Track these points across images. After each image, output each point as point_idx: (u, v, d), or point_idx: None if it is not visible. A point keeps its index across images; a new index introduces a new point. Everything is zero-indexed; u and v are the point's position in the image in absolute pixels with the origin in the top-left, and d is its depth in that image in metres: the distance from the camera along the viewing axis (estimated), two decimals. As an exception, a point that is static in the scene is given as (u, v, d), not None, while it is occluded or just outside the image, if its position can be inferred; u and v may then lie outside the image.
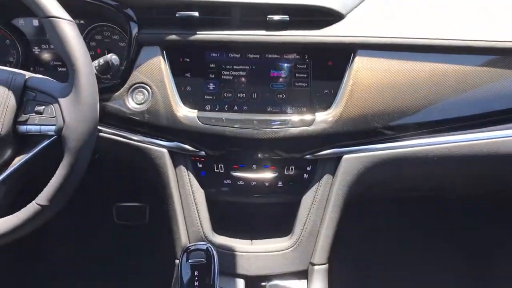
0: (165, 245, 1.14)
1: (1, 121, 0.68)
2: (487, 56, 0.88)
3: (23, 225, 0.68)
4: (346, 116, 0.84)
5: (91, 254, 1.56)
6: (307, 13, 0.88)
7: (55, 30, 0.66)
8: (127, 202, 1.57)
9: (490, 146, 0.89)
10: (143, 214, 1.54)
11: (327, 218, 0.91)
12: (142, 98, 0.87)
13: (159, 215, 1.51)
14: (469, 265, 1.36)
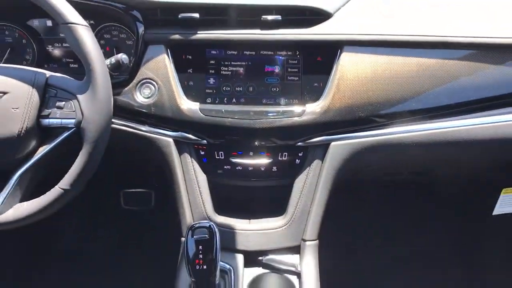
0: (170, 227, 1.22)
1: (26, 115, 0.75)
2: (462, 51, 0.95)
3: (48, 207, 0.77)
4: (333, 107, 0.92)
5: (101, 237, 1.64)
6: (297, 13, 0.95)
7: (73, 34, 0.74)
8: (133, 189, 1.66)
9: (464, 132, 0.96)
10: (149, 199, 1.62)
11: (317, 199, 0.98)
12: (149, 92, 0.94)
13: (164, 200, 1.60)
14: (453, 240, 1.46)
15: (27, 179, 0.80)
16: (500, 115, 0.96)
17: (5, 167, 0.79)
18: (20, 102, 0.75)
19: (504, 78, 0.94)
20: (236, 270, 0.93)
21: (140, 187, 1.62)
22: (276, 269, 0.96)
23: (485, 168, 1.11)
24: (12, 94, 0.75)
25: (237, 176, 1.02)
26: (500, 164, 1.09)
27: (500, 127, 0.96)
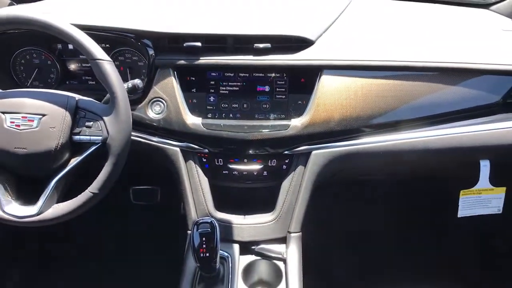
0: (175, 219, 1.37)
1: (61, 133, 0.90)
2: (420, 74, 1.08)
3: (80, 207, 0.91)
4: (314, 121, 1.05)
5: (113, 228, 1.78)
6: (285, 41, 1.07)
7: (100, 68, 0.89)
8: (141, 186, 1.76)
9: (422, 143, 1.10)
10: (156, 195, 1.74)
11: (300, 198, 1.12)
12: (159, 109, 1.08)
13: (169, 196, 1.73)
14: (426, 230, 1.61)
15: (62, 184, 0.94)
16: (453, 128, 1.10)
17: (44, 175, 0.93)
18: (56, 122, 0.90)
19: (454, 97, 1.09)
20: (233, 257, 1.07)
21: (148, 185, 1.74)
22: (266, 257, 1.10)
23: (444, 173, 1.27)
24: (50, 116, 0.90)
25: (233, 179, 1.14)
26: (457, 169, 1.25)
27: (454, 138, 1.10)
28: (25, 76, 1.19)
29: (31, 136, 0.89)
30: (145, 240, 1.74)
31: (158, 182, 1.73)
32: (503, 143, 1.12)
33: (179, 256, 1.16)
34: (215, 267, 0.96)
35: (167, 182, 1.55)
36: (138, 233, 1.78)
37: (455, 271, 1.44)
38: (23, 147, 0.89)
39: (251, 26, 1.08)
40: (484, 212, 1.22)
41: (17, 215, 0.92)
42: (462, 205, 1.20)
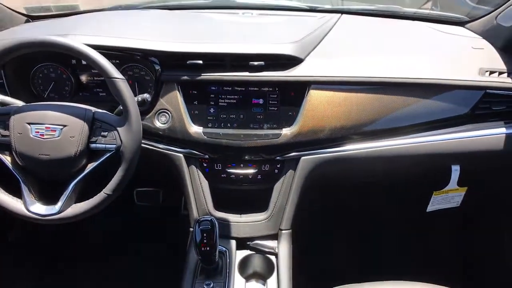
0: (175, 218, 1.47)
1: (80, 142, 1.01)
2: (399, 88, 1.20)
3: (96, 207, 1.03)
4: (302, 131, 1.17)
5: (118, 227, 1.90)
6: (276, 59, 1.17)
7: (115, 85, 1.01)
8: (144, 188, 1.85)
9: (397, 150, 1.22)
10: (158, 197, 1.83)
11: (290, 199, 1.23)
12: (165, 119, 1.20)
13: (170, 198, 1.84)
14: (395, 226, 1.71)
15: (79, 187, 1.05)
16: (427, 137, 1.23)
17: (64, 178, 1.05)
18: (75, 132, 1.01)
19: (428, 109, 1.21)
20: (230, 252, 1.17)
21: (150, 187, 1.83)
22: (260, 251, 1.21)
23: (419, 175, 1.39)
24: (70, 126, 1.01)
25: (231, 182, 1.25)
26: (430, 172, 1.38)
27: (428, 145, 1.23)
28: (42, 88, 1.30)
29: (54, 144, 1.01)
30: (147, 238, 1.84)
31: (160, 184, 1.82)
32: (471, 150, 1.25)
33: (179, 252, 1.27)
34: (214, 260, 1.08)
35: (169, 185, 1.66)
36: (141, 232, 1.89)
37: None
38: (46, 154, 1.01)
39: (247, 46, 1.19)
40: (447, 206, 1.36)
41: (40, 214, 1.03)
42: (432, 202, 1.33)
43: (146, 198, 1.86)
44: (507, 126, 1.25)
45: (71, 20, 1.48)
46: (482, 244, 1.57)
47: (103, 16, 1.51)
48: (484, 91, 1.23)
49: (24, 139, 1.02)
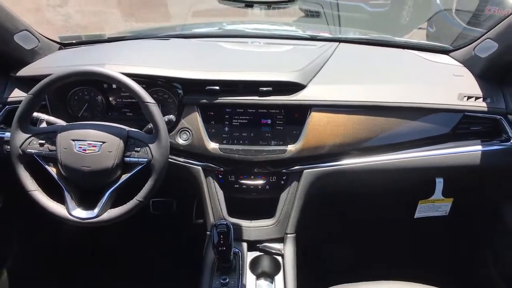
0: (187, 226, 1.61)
1: (116, 156, 1.17)
2: (390, 111, 1.37)
3: (129, 211, 1.19)
4: (304, 147, 1.33)
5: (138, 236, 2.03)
6: (283, 85, 1.35)
7: (148, 109, 1.18)
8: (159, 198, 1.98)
9: (391, 163, 1.38)
10: (171, 206, 1.98)
11: (294, 206, 1.38)
12: (186, 137, 1.36)
13: (182, 207, 1.99)
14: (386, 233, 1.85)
15: (114, 194, 1.22)
16: (414, 152, 1.40)
17: (101, 187, 1.21)
18: (112, 147, 1.18)
19: (415, 129, 1.38)
20: (242, 252, 1.32)
21: (164, 197, 1.97)
22: (268, 253, 1.35)
23: (408, 186, 1.56)
24: (108, 142, 1.19)
25: (243, 191, 1.40)
26: (418, 184, 1.54)
27: (415, 160, 1.40)
28: (77, 108, 1.47)
29: (94, 158, 1.18)
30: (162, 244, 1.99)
31: (173, 195, 1.98)
32: (453, 165, 1.42)
33: (193, 256, 1.41)
34: (230, 259, 1.23)
35: (181, 195, 1.81)
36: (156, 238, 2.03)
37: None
38: (87, 166, 1.18)
39: (257, 74, 1.36)
40: (435, 214, 1.52)
41: (81, 217, 1.20)
42: (418, 210, 1.50)
43: (161, 207, 2.00)
44: (483, 144, 1.42)
45: (101, 49, 1.67)
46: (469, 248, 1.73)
47: (129, 45, 1.69)
48: (463, 114, 1.41)
49: (68, 153, 1.19)
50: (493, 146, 1.42)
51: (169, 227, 2.05)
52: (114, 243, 2.01)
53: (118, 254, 1.99)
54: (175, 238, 2.00)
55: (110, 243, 2.01)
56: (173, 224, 2.04)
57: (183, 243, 1.97)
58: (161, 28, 2.20)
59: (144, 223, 2.02)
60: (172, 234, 2.03)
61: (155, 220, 2.04)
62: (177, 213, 2.00)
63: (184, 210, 1.98)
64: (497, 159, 1.42)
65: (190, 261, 1.45)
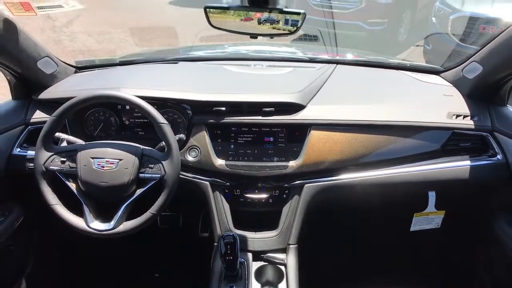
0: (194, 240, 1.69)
1: (132, 172, 1.27)
2: (384, 129, 1.47)
3: (143, 223, 1.28)
4: (305, 163, 1.43)
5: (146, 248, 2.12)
6: (284, 106, 1.45)
7: (162, 129, 1.28)
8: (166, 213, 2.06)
9: (385, 178, 1.47)
10: (178, 220, 2.07)
11: (296, 219, 1.46)
12: (195, 154, 1.47)
13: (188, 222, 2.08)
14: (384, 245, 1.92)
15: (129, 208, 1.31)
16: (407, 168, 1.49)
17: (117, 201, 1.30)
18: (128, 164, 1.28)
19: (408, 146, 1.48)
20: (248, 262, 1.39)
21: (172, 212, 2.07)
22: (271, 262, 1.42)
23: (403, 200, 1.64)
24: (124, 160, 1.29)
25: (248, 205, 1.48)
26: (412, 197, 1.63)
27: (408, 175, 1.49)
28: (93, 128, 1.59)
29: (112, 174, 1.28)
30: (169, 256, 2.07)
31: (179, 210, 2.06)
32: (444, 179, 1.51)
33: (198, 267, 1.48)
34: (236, 267, 1.32)
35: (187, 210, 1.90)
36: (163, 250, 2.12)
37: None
38: (105, 181, 1.28)
39: (260, 96, 1.48)
40: (428, 227, 1.61)
41: (98, 229, 1.29)
42: (414, 223, 1.59)
43: (168, 221, 2.08)
44: (472, 159, 1.52)
45: (115, 73, 1.79)
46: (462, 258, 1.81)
47: (141, 69, 1.81)
48: (452, 131, 1.51)
49: (88, 170, 1.29)
50: (481, 161, 1.52)
51: (175, 240, 2.13)
52: (124, 255, 2.09)
53: (127, 265, 2.06)
54: (181, 250, 2.08)
55: (120, 255, 2.09)
56: (180, 237, 2.12)
57: (189, 255, 2.04)
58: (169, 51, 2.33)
59: (152, 236, 2.12)
60: (178, 247, 2.11)
61: (163, 233, 2.12)
62: (183, 227, 2.08)
63: (190, 224, 2.06)
64: (485, 173, 1.51)
65: (196, 272, 1.52)
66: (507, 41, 1.36)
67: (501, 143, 1.50)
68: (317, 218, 1.58)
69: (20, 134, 1.55)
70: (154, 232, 2.11)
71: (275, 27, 1.09)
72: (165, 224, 2.09)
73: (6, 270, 1.54)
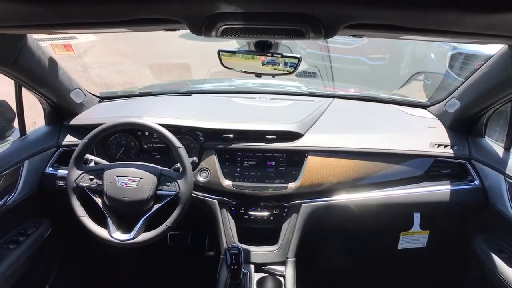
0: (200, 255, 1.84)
1: (151, 189, 1.46)
2: (373, 156, 1.65)
3: (159, 235, 1.45)
4: (302, 185, 1.61)
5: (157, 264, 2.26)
6: (284, 134, 1.65)
7: (178, 152, 1.49)
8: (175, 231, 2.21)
9: (378, 199, 1.63)
10: (186, 239, 2.19)
11: (294, 235, 1.62)
12: (205, 175, 1.66)
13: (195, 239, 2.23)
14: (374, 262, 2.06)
15: (147, 221, 1.49)
16: (394, 190, 1.66)
17: (137, 214, 1.48)
18: (148, 182, 1.47)
19: (395, 171, 1.65)
20: (250, 273, 1.54)
21: (180, 230, 2.19)
22: (272, 274, 1.57)
23: (391, 220, 1.80)
24: (145, 178, 1.48)
25: (251, 221, 1.66)
26: (399, 218, 1.79)
27: (395, 197, 1.66)
28: (115, 151, 1.80)
29: (133, 190, 1.47)
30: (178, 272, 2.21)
31: (187, 228, 2.20)
32: (427, 201, 1.68)
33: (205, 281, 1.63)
34: (239, 276, 1.46)
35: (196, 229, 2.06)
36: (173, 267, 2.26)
37: None
38: (128, 197, 1.47)
39: (263, 125, 1.68)
40: (415, 246, 1.76)
41: (120, 239, 1.46)
42: (401, 241, 1.75)
43: (177, 240, 2.22)
44: (452, 184, 1.70)
45: (136, 104, 2.02)
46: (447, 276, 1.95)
47: (158, 100, 2.04)
48: (434, 159, 1.70)
49: (113, 187, 1.49)
50: (461, 186, 1.69)
51: (184, 257, 2.27)
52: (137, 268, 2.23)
53: (139, 277, 2.20)
54: (189, 266, 2.22)
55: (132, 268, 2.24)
56: (188, 255, 2.26)
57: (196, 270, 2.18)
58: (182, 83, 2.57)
59: (162, 255, 2.26)
60: (186, 263, 2.25)
61: (172, 252, 2.26)
62: (191, 245, 2.21)
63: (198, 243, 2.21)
64: (464, 197, 1.68)
65: (202, 285, 1.66)
66: (480, 79, 1.55)
67: (478, 170, 1.68)
68: (313, 234, 1.74)
69: (52, 155, 1.76)
70: (165, 251, 2.24)
71: (276, 68, 1.29)
72: (175, 243, 2.21)
73: (33, 277, 1.71)
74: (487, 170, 1.65)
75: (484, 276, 1.59)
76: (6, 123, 1.81)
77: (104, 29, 1.03)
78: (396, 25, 0.79)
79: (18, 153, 1.62)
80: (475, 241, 1.66)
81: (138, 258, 2.19)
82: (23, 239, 1.57)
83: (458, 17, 0.77)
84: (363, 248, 1.86)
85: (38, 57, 1.44)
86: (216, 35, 0.83)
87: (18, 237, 1.57)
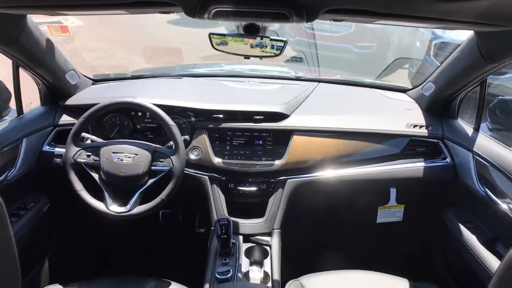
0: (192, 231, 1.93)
1: (145, 165, 1.54)
2: (355, 135, 1.77)
3: (154, 207, 1.55)
4: (288, 162, 1.72)
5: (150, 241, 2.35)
6: (272, 115, 1.75)
7: (171, 130, 1.59)
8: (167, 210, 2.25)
9: (356, 175, 1.76)
10: (178, 217, 2.26)
11: (280, 208, 1.73)
12: (197, 153, 1.76)
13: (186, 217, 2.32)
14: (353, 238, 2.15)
15: (142, 195, 1.58)
16: (374, 167, 1.79)
17: (132, 189, 1.57)
18: (143, 158, 1.56)
19: (375, 149, 1.78)
20: (239, 243, 1.64)
21: (172, 208, 2.23)
22: (258, 243, 1.67)
23: (370, 195, 1.92)
24: (140, 155, 1.57)
25: (240, 196, 1.76)
26: (377, 192, 1.91)
27: (374, 173, 1.78)
28: (109, 131, 1.87)
29: (129, 166, 1.56)
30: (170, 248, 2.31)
31: (178, 207, 2.26)
32: (403, 177, 1.82)
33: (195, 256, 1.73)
34: (229, 245, 1.57)
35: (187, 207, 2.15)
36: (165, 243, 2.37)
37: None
38: (123, 172, 1.56)
39: (252, 106, 1.78)
40: (392, 219, 1.90)
41: (116, 211, 1.55)
42: (379, 215, 1.89)
43: (169, 217, 2.29)
44: (426, 162, 1.83)
45: (128, 85, 2.09)
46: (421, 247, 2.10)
47: (151, 82, 2.12)
48: (410, 138, 1.83)
49: (109, 162, 1.58)
50: (434, 163, 1.83)
51: (175, 235, 2.36)
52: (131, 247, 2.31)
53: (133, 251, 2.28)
54: (180, 241, 2.31)
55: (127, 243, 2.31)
56: (179, 231, 2.34)
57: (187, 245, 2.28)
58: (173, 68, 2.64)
59: (155, 231, 2.35)
60: (178, 240, 2.34)
61: (164, 228, 2.33)
62: (182, 223, 2.29)
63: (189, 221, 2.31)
64: (437, 173, 1.82)
65: (193, 260, 1.75)
66: (452, 63, 1.67)
67: (449, 148, 1.82)
68: (298, 207, 1.86)
69: (49, 134, 1.83)
70: (157, 228, 2.32)
71: (263, 50, 1.39)
72: (167, 220, 2.28)
73: (32, 250, 1.80)
74: (458, 148, 1.78)
75: (453, 244, 1.73)
76: (2, 103, 1.88)
77: (103, 11, 1.11)
78: (371, 10, 0.90)
79: (17, 131, 1.69)
80: (446, 214, 1.80)
81: (131, 233, 2.25)
82: (23, 213, 1.65)
83: (425, 4, 0.88)
84: (344, 221, 1.99)
85: (36, 38, 1.51)
86: (208, 17, 0.92)
87: (19, 211, 1.65)
